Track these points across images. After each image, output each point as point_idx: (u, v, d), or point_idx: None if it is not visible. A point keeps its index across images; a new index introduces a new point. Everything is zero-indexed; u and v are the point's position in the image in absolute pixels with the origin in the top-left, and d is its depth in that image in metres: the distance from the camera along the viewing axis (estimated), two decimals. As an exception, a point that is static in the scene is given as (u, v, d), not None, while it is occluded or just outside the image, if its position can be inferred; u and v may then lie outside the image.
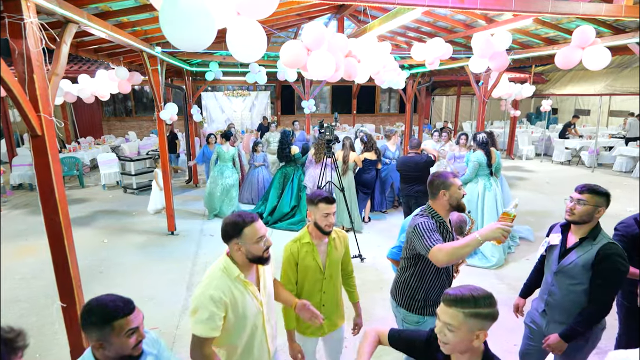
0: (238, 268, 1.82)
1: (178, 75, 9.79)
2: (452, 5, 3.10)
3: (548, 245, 2.39)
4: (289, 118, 17.51)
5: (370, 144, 6.40)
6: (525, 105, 17.64)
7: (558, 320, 2.30)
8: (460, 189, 2.26)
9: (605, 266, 2.06)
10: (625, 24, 4.96)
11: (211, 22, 1.63)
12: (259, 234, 1.79)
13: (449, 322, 1.36)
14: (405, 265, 2.40)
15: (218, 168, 7.05)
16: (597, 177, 10.50)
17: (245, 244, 1.77)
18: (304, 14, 6.44)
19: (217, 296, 1.74)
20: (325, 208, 2.19)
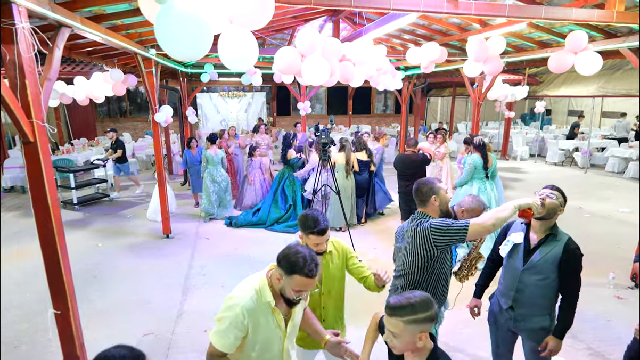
0: (272, 294, 1.77)
1: (173, 76, 9.77)
2: (447, 10, 3.12)
3: (513, 244, 2.43)
4: (285, 119, 17.51)
5: (360, 144, 6.43)
6: (519, 106, 17.74)
7: (527, 314, 2.38)
8: (446, 192, 2.33)
9: (572, 260, 2.24)
10: (616, 29, 5.00)
11: (207, 32, 1.62)
12: (303, 289, 1.71)
13: (392, 330, 1.49)
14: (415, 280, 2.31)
15: (208, 172, 7.03)
16: (590, 178, 10.59)
17: (288, 284, 1.70)
18: (300, 17, 6.44)
19: (241, 317, 1.72)
20: (316, 239, 2.11)
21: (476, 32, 5.63)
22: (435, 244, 2.14)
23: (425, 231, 2.16)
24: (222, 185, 7.08)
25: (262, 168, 7.67)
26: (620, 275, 4.83)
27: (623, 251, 5.55)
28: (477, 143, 5.18)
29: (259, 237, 6.36)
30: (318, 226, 2.08)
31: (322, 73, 2.86)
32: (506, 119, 13.00)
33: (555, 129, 16.08)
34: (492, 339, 2.71)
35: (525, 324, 2.40)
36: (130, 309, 4.29)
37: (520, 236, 2.40)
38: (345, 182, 6.19)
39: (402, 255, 2.35)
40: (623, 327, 3.90)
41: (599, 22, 3.69)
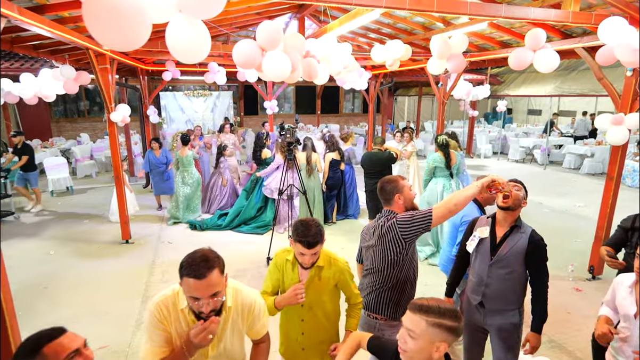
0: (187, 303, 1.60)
1: (132, 74, 9.33)
2: (409, 7, 3.09)
3: (479, 239, 2.43)
4: (252, 119, 17.24)
5: (332, 144, 6.37)
6: (482, 105, 18.30)
7: (496, 309, 2.39)
8: (410, 189, 2.36)
9: (538, 250, 2.28)
10: (572, 30, 5.18)
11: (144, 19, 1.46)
12: (193, 294, 1.48)
13: (411, 328, 1.36)
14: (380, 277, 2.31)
15: (180, 175, 6.80)
16: (549, 174, 11.04)
17: (183, 290, 1.54)
18: (264, 13, 6.29)
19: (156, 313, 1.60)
20: (300, 249, 1.99)
21: (440, 31, 5.69)
22: (403, 237, 2.17)
23: (392, 227, 2.19)
24: (191, 189, 6.83)
25: (229, 168, 7.47)
26: (578, 267, 5.01)
27: (580, 244, 5.77)
28: (440, 142, 5.23)
29: (225, 240, 6.16)
30: (306, 236, 1.94)
31: (284, 68, 2.75)
32: (470, 117, 13.34)
33: (516, 127, 16.69)
34: (463, 337, 2.67)
35: (494, 320, 2.40)
36: (85, 321, 4.01)
37: (486, 230, 2.40)
38: (307, 182, 6.11)
39: (370, 254, 2.35)
40: (582, 318, 4.03)
41: (556, 21, 3.78)
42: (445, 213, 2.12)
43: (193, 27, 1.78)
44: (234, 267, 5.04)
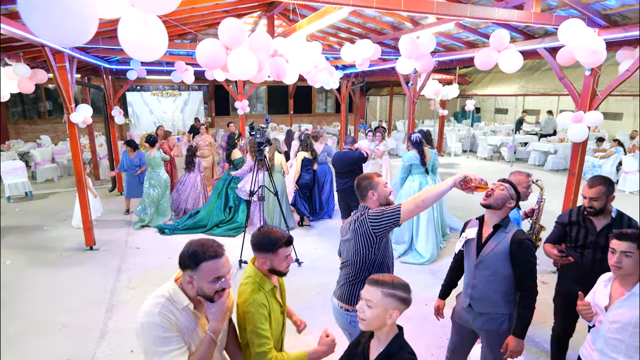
0: (188, 298, 1.61)
1: (96, 73, 8.95)
2: (376, 5, 3.08)
3: (465, 240, 2.44)
4: (224, 119, 16.94)
5: (306, 144, 6.32)
6: (452, 105, 18.71)
7: (484, 312, 2.35)
8: (385, 186, 2.37)
9: (522, 251, 2.18)
10: (534, 30, 5.35)
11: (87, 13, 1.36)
12: (217, 274, 1.56)
13: (369, 298, 1.56)
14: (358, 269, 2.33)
15: (148, 176, 6.59)
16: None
17: (200, 279, 1.55)
18: (232, 11, 6.16)
19: (166, 322, 1.52)
20: (285, 251, 1.86)
21: (408, 31, 5.74)
22: (374, 231, 2.20)
23: (364, 222, 2.23)
24: (160, 190, 6.60)
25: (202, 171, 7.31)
26: (543, 260, 5.16)
27: (542, 237, 5.96)
28: (413, 140, 5.28)
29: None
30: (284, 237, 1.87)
31: (250, 68, 2.68)
32: (440, 116, 13.60)
33: (484, 125, 17.15)
34: (451, 336, 2.67)
35: (483, 324, 2.36)
36: (45, 333, 3.80)
37: (474, 231, 2.39)
38: (268, 182, 6.03)
39: (346, 248, 2.40)
40: (548, 309, 4.13)
41: (519, 22, 3.87)
42: (414, 209, 2.13)
43: (147, 22, 1.68)
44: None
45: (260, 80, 3.19)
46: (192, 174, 7.09)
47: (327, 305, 2.54)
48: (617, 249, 1.97)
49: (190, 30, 6.20)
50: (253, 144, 5.61)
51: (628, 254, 1.94)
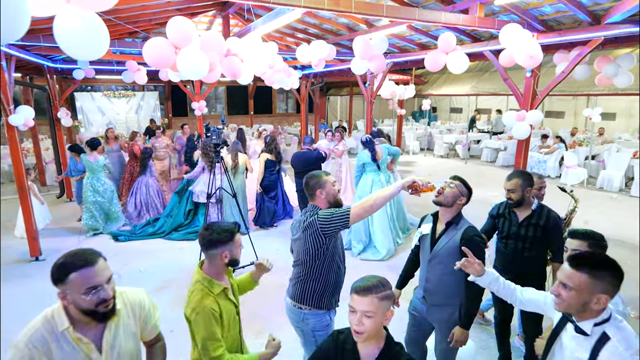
0: (68, 320, 1.45)
1: (39, 72, 8.43)
2: (327, 7, 3.13)
3: (421, 234, 2.54)
4: (181, 120, 16.45)
5: (271, 146, 6.30)
6: (409, 104, 19.23)
7: (436, 304, 2.46)
8: (334, 184, 2.38)
9: (470, 247, 2.16)
10: (480, 34, 5.63)
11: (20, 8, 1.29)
12: (90, 284, 1.40)
13: (367, 309, 1.47)
14: (308, 268, 2.36)
15: (90, 182, 6.23)
16: (470, 168, 11.91)
17: (72, 293, 1.40)
18: (185, 10, 6.02)
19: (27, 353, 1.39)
20: (239, 238, 1.94)
21: (363, 33, 5.87)
22: (323, 232, 2.23)
23: (313, 222, 2.25)
24: (105, 196, 6.31)
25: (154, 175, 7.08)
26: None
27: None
28: (362, 140, 5.44)
29: (152, 249, 5.81)
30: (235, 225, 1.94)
31: (200, 67, 2.64)
32: (398, 116, 13.96)
33: (440, 124, 17.79)
34: (407, 327, 2.76)
35: (437, 314, 2.46)
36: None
37: (428, 227, 2.48)
38: (235, 184, 5.97)
39: (297, 246, 2.43)
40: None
41: (465, 25, 4.07)
42: (362, 212, 2.19)
43: (84, 20, 1.61)
44: (163, 277, 4.76)
45: (212, 80, 3.15)
46: (145, 177, 6.90)
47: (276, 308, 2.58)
48: (569, 247, 2.06)
49: (136, 29, 5.98)
50: (205, 146, 5.53)
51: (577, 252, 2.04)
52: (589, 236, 2.02)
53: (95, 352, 1.50)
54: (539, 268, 2.88)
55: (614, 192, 8.82)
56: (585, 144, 10.60)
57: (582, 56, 4.41)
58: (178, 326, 2.58)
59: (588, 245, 2.01)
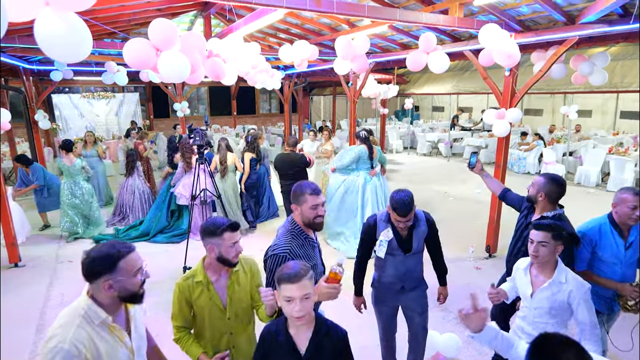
0: (104, 310, 1.52)
1: (14, 74, 8.20)
2: (309, 8, 3.14)
3: (387, 241, 2.56)
4: (163, 122, 16.25)
5: (253, 145, 6.28)
6: (392, 103, 19.41)
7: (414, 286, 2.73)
8: (316, 208, 2.12)
9: (435, 231, 2.69)
10: (461, 34, 5.73)
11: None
12: (137, 266, 1.54)
13: (304, 293, 1.58)
14: None
15: (67, 186, 6.09)
16: (452, 165, 12.10)
17: (121, 279, 1.49)
18: (166, 10, 5.95)
19: (75, 352, 1.41)
20: (231, 237, 1.93)
21: (345, 33, 5.90)
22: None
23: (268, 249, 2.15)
24: (84, 200, 6.18)
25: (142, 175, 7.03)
26: (477, 248, 5.56)
27: (479, 226, 6.41)
28: (362, 136, 5.46)
29: (138, 252, 5.74)
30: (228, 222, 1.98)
31: (182, 69, 2.61)
32: (381, 115, 14.07)
33: (423, 123, 18.01)
34: (380, 320, 2.88)
35: (413, 295, 2.74)
36: (-40, 362, 3.44)
37: (389, 232, 2.57)
38: (223, 185, 5.95)
39: None
40: (482, 293, 4.43)
41: (445, 26, 4.14)
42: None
43: (65, 21, 1.58)
44: (147, 281, 4.70)
45: (195, 81, 3.13)
46: (131, 178, 6.83)
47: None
48: (535, 239, 2.14)
49: (115, 30, 5.88)
50: (183, 146, 5.49)
51: (544, 243, 2.12)
52: (552, 228, 2.14)
53: (127, 337, 1.60)
54: None
55: (591, 187, 9.09)
56: (563, 141, 10.89)
57: (557, 55, 4.53)
58: (162, 331, 2.55)
59: (552, 237, 2.12)
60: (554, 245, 2.12)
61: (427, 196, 8.26)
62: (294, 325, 1.66)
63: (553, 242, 2.11)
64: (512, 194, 3.20)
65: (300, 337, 1.67)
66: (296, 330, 1.67)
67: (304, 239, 2.16)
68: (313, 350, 1.64)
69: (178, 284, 2.02)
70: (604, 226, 2.63)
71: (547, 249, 2.12)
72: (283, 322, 1.71)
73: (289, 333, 1.67)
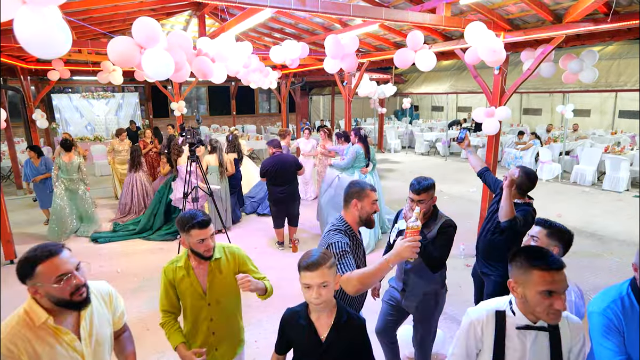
0: (46, 312, 1.45)
1: (12, 73, 8.28)
2: (294, 7, 3.19)
3: (398, 230, 2.61)
4: (163, 121, 16.33)
5: (234, 144, 6.35)
6: (391, 103, 19.46)
7: (415, 292, 2.61)
8: (374, 203, 2.18)
9: (445, 234, 2.46)
10: (452, 33, 5.76)
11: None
12: (59, 271, 1.41)
13: (322, 281, 1.60)
14: None
15: (61, 183, 6.16)
16: (449, 165, 12.12)
17: (42, 286, 1.41)
18: (160, 10, 6.01)
19: (6, 353, 1.39)
20: (198, 234, 1.94)
21: (338, 32, 5.94)
22: None
23: (325, 246, 2.07)
24: (78, 196, 6.26)
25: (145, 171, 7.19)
26: (469, 246, 5.59)
27: (471, 225, 6.44)
28: (361, 135, 5.50)
29: (134, 250, 5.79)
30: (194, 219, 1.95)
31: (165, 67, 2.66)
32: (379, 114, 14.11)
33: (422, 122, 18.03)
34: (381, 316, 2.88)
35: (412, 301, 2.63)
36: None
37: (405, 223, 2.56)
38: (220, 185, 6.00)
39: None
40: (470, 290, 4.51)
41: (432, 25, 4.18)
42: (349, 288, 1.84)
43: (44, 17, 1.63)
44: (140, 278, 4.75)
45: (181, 79, 3.18)
46: (136, 174, 6.99)
47: (265, 304, 2.58)
48: (529, 233, 2.22)
49: (104, 31, 5.95)
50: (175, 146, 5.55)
51: (534, 238, 2.16)
52: (549, 225, 2.16)
53: (76, 341, 1.52)
54: None
55: (586, 186, 9.10)
56: (560, 140, 10.89)
57: (545, 54, 4.56)
58: (154, 325, 2.60)
59: (546, 234, 2.13)
60: (547, 243, 2.11)
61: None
62: (315, 310, 1.70)
63: (546, 240, 2.12)
64: (490, 175, 3.35)
65: (322, 323, 1.71)
66: (317, 315, 1.71)
67: (354, 238, 2.18)
68: (333, 338, 1.68)
69: (164, 269, 2.10)
70: (626, 299, 1.73)
71: (538, 245, 2.11)
72: (305, 306, 1.75)
73: (310, 318, 1.72)
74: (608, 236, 6.01)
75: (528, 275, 1.50)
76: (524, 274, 1.52)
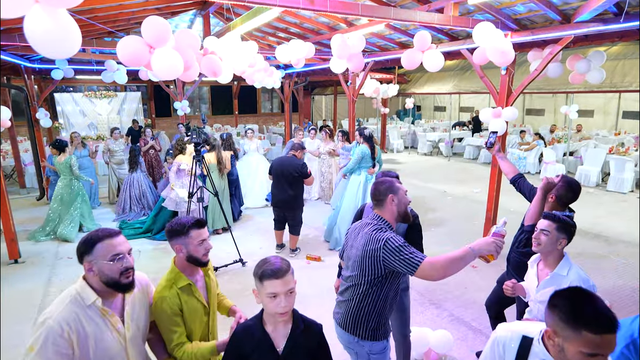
0: (95, 293, 1.56)
1: (16, 73, 8.28)
2: (303, 6, 3.17)
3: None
4: (165, 121, 16.34)
5: (228, 143, 6.36)
6: (394, 103, 19.42)
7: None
8: (406, 194, 2.13)
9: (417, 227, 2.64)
10: (458, 33, 5.73)
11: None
12: (114, 251, 1.54)
13: (289, 287, 1.56)
14: (362, 293, 2.04)
15: (60, 182, 6.19)
16: (452, 165, 12.09)
17: (97, 263, 1.53)
18: (165, 9, 6.00)
19: (58, 330, 1.44)
20: (199, 234, 1.85)
21: (343, 31, 5.92)
22: (383, 263, 1.92)
23: (378, 244, 1.91)
24: (72, 198, 6.24)
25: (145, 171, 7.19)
26: (474, 246, 5.57)
27: (476, 226, 6.42)
28: (367, 135, 5.46)
29: (138, 249, 5.78)
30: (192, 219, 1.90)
31: (175, 67, 2.64)
32: (382, 114, 14.08)
33: (424, 122, 18.00)
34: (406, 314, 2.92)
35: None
36: (-41, 356, 3.49)
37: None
38: (220, 183, 5.99)
39: (352, 261, 2.10)
40: (477, 291, 4.49)
41: (440, 24, 4.15)
42: (434, 274, 1.79)
43: (54, 18, 1.62)
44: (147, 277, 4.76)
45: (189, 79, 3.17)
46: (135, 173, 6.98)
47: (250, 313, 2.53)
48: (539, 227, 2.18)
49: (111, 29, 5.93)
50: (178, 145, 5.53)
51: (545, 232, 2.14)
52: (558, 219, 2.16)
53: (119, 323, 1.62)
54: None
55: (590, 187, 9.06)
56: (563, 141, 10.86)
57: (554, 54, 4.54)
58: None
59: (556, 228, 2.14)
60: (557, 236, 2.13)
61: (426, 195, 8.26)
62: (272, 322, 1.63)
63: (556, 233, 2.13)
64: (525, 181, 3.06)
65: (278, 334, 1.63)
66: (273, 327, 1.63)
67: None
68: (291, 348, 1.61)
69: (161, 299, 1.79)
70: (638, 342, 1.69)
71: (549, 239, 2.13)
72: (259, 319, 1.66)
73: (266, 330, 1.63)
74: (613, 237, 5.99)
75: (574, 333, 1.25)
76: (569, 329, 1.26)
